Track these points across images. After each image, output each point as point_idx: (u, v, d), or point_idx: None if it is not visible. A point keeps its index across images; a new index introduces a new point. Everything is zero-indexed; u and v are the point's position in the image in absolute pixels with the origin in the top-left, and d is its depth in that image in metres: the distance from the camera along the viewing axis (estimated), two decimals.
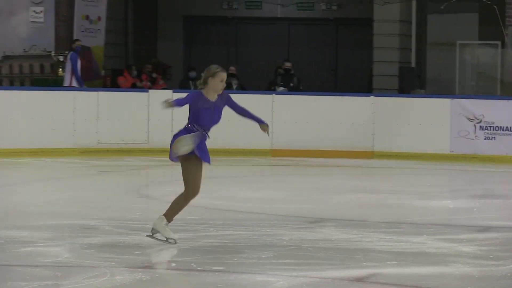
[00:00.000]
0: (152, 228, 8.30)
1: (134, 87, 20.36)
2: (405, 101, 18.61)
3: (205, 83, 8.31)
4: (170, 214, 8.29)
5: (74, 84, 18.84)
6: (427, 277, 7.28)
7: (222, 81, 8.31)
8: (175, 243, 8.21)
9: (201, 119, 8.25)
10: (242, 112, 8.53)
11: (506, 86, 21.62)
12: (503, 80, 21.85)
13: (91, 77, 20.97)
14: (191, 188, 8.21)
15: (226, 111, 8.36)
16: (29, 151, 17.12)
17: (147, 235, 8.32)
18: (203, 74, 8.42)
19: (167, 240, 8.22)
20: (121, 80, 20.60)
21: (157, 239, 8.28)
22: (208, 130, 8.31)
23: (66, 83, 18.98)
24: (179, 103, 8.21)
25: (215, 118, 8.33)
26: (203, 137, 8.25)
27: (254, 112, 17.80)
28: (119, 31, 22.94)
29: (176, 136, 8.24)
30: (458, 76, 22.23)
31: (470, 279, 7.25)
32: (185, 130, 8.24)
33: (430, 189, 13.84)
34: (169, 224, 8.26)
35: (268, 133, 8.60)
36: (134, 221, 9.97)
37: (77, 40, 19.64)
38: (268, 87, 20.44)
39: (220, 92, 8.34)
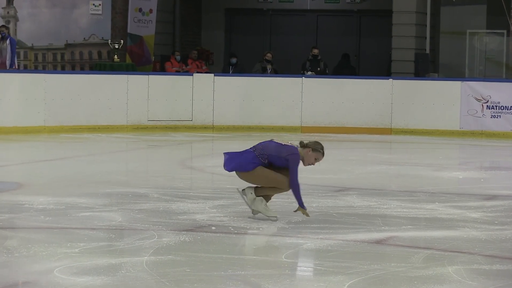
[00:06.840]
0: (253, 210, 7.84)
1: (178, 72, 20.26)
2: (420, 83, 18.46)
3: (304, 147, 7.67)
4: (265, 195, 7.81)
5: (8, 66, 17.45)
6: (439, 240, 7.21)
7: (316, 159, 7.70)
8: (276, 219, 7.79)
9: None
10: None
11: (511, 70, 21.41)
12: (508, 64, 21.63)
13: (143, 63, 20.95)
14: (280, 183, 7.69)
15: (259, 95, 8.16)
16: (87, 127, 17.17)
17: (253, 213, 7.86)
18: (309, 143, 7.66)
19: (269, 218, 7.79)
20: (167, 65, 20.55)
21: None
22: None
23: (11, 66, 17.49)
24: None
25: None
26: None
27: (286, 93, 17.51)
28: (167, 22, 22.89)
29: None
30: (467, 61, 22.03)
31: (477, 242, 7.16)
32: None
33: (442, 162, 13.71)
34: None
35: (307, 215, 7.74)
36: (179, 189, 9.95)
37: (3, 26, 18.26)
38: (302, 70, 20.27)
39: (306, 165, 7.72)
